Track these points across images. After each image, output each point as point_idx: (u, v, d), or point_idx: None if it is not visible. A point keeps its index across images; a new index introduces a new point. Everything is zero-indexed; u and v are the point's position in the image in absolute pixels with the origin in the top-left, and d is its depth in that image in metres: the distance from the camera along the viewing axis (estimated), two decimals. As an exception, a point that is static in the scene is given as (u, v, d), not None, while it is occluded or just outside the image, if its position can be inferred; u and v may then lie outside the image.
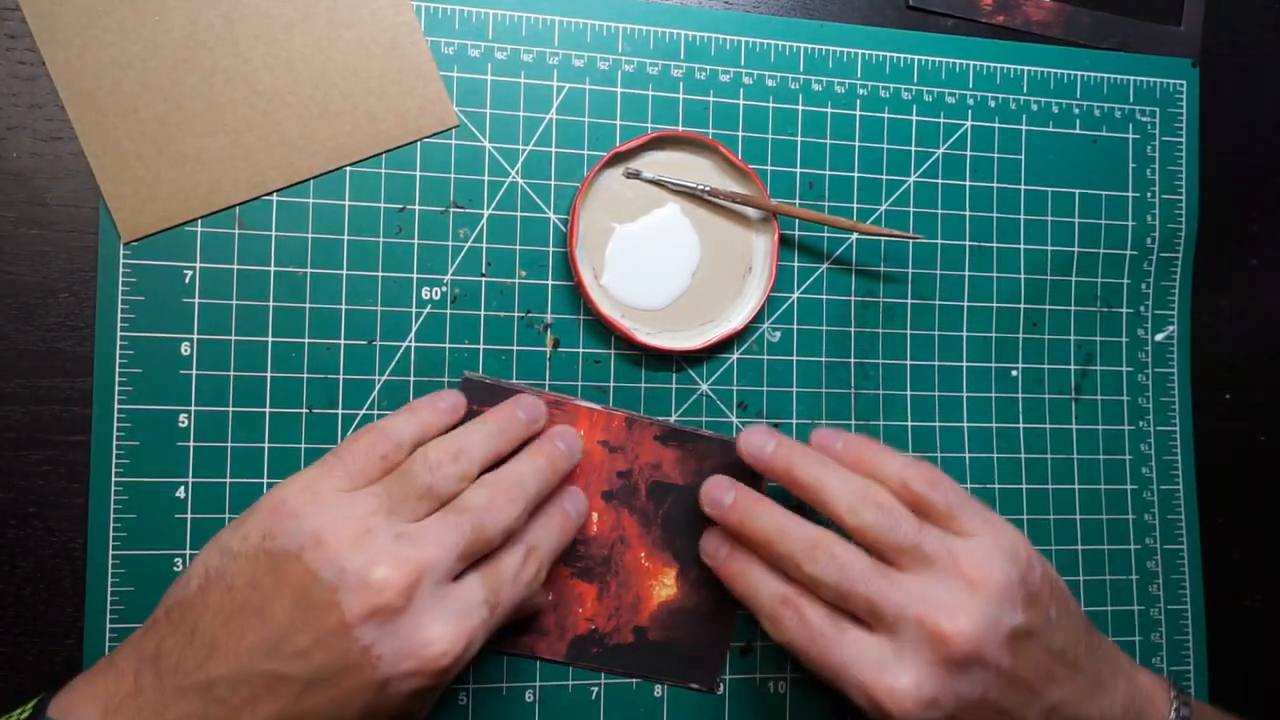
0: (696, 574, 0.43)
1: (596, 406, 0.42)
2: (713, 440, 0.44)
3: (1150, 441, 0.50)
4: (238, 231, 0.41)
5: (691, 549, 0.43)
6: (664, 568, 0.43)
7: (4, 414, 0.39)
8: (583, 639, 0.42)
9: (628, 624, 0.42)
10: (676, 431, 0.43)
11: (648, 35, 0.45)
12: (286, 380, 0.41)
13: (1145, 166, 0.50)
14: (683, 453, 0.43)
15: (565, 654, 0.42)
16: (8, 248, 0.40)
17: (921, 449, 0.47)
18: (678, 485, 0.43)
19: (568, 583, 0.42)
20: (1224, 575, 0.50)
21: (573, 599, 0.42)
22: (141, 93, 0.40)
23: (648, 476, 0.43)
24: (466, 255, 0.43)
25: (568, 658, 0.42)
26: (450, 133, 0.43)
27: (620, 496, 0.43)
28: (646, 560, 0.43)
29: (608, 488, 0.43)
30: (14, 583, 0.39)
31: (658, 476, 0.43)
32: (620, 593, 0.42)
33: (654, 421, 0.43)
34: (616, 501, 0.43)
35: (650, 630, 0.43)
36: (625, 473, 0.43)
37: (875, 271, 0.47)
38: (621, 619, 0.42)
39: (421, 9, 0.43)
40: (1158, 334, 0.50)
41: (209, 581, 0.32)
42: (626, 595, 0.42)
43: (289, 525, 0.32)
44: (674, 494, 0.43)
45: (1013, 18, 0.49)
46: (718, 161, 0.45)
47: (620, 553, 0.43)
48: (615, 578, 0.42)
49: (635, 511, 0.43)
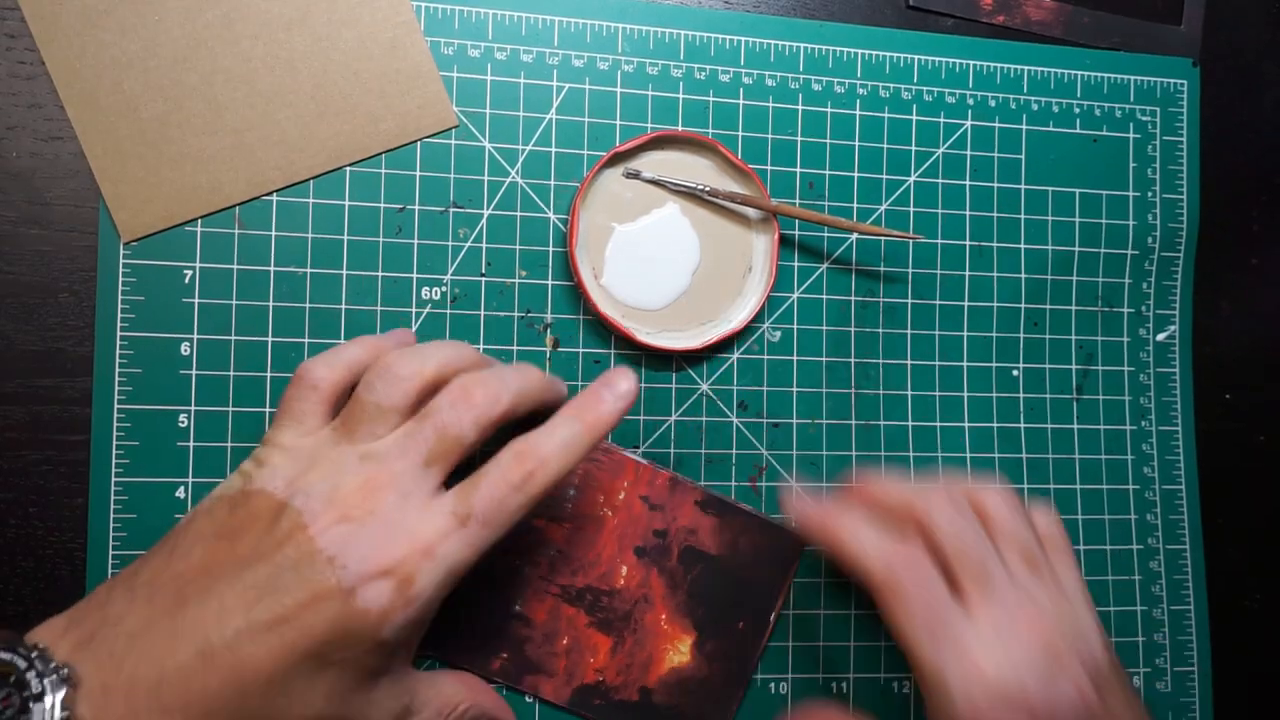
0: (713, 646, 0.43)
1: (644, 462, 0.42)
2: (752, 516, 0.43)
3: (1152, 441, 0.50)
4: (238, 231, 0.41)
5: (712, 620, 0.43)
6: (682, 634, 0.43)
7: (4, 414, 0.39)
8: (588, 689, 0.42)
9: (635, 682, 0.42)
10: (718, 501, 0.43)
11: (648, 35, 0.45)
12: (286, 380, 0.41)
13: (1146, 166, 0.50)
14: (720, 522, 0.43)
15: (568, 700, 0.41)
16: (8, 248, 0.40)
17: (922, 449, 0.47)
18: (710, 554, 0.43)
19: (585, 631, 0.42)
20: (1225, 575, 0.50)
21: (586, 648, 0.42)
22: (141, 93, 0.40)
23: (682, 540, 0.43)
24: (466, 255, 0.43)
25: (570, 704, 0.42)
26: (450, 133, 0.43)
27: (652, 555, 0.42)
28: (666, 623, 0.42)
29: (642, 544, 0.42)
30: (14, 583, 0.39)
31: (692, 541, 0.43)
32: (634, 650, 0.42)
33: (696, 486, 0.43)
34: (648, 559, 0.42)
35: (656, 693, 0.42)
36: (661, 532, 0.43)
37: (875, 271, 0.47)
38: (630, 676, 0.42)
39: (421, 9, 0.43)
40: (1159, 334, 0.50)
41: (194, 514, 0.33)
42: (640, 654, 0.42)
43: (264, 470, 0.33)
44: (705, 563, 0.43)
45: (1013, 17, 0.49)
46: (718, 161, 0.45)
47: (642, 611, 0.42)
48: (632, 635, 0.42)
49: (664, 573, 0.42)
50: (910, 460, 0.47)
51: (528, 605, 0.41)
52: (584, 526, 0.42)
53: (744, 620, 0.43)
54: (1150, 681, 0.48)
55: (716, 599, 0.43)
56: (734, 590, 0.43)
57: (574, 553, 0.42)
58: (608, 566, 0.42)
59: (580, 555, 0.42)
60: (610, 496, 0.42)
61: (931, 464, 0.47)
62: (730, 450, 0.45)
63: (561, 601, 0.42)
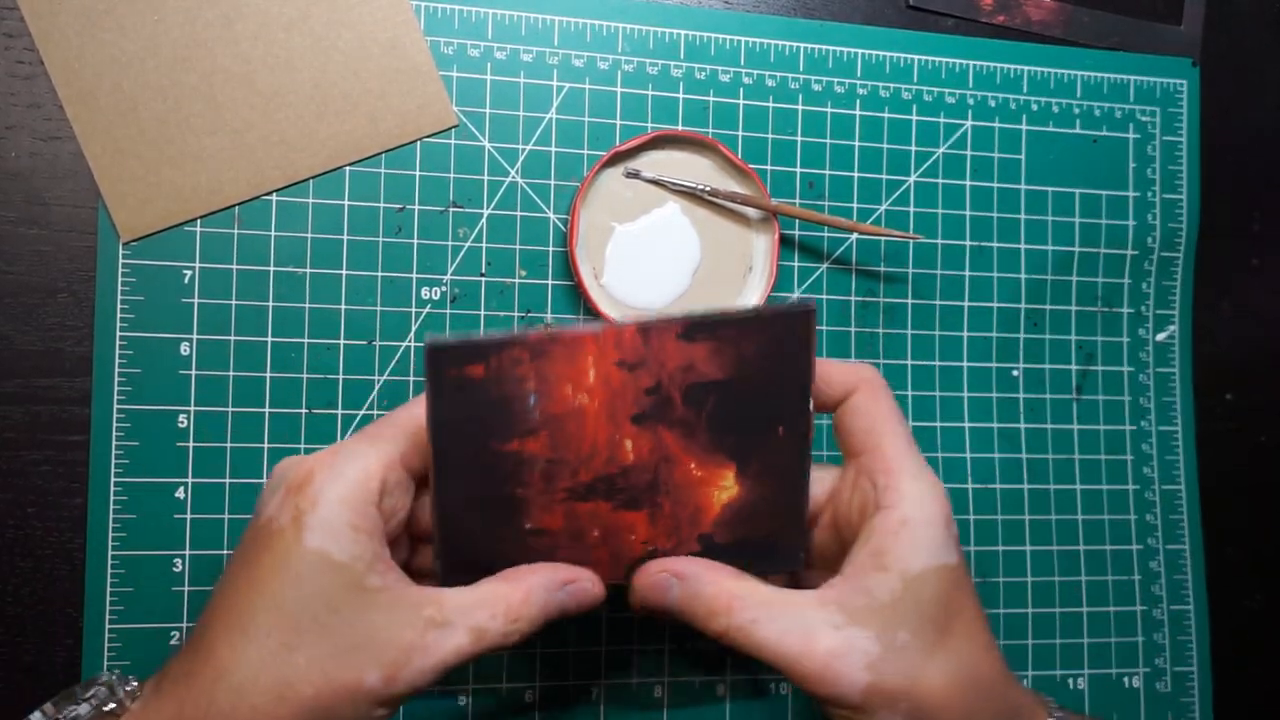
0: (757, 465, 0.38)
1: (598, 328, 0.36)
2: (746, 319, 0.37)
3: (1152, 441, 0.50)
4: (237, 231, 0.41)
5: (746, 443, 0.38)
6: (720, 470, 0.38)
7: (4, 414, 0.39)
8: (640, 561, 0.38)
9: (690, 536, 0.38)
10: (701, 322, 0.36)
11: (648, 35, 0.45)
12: (286, 380, 0.41)
13: (1146, 166, 0.50)
14: (715, 343, 0.37)
15: (625, 576, 0.38)
16: (7, 248, 0.39)
17: (922, 449, 0.46)
18: (717, 380, 0.37)
19: (613, 516, 0.37)
20: (1225, 575, 0.50)
21: (623, 528, 0.37)
22: (141, 92, 0.40)
23: (680, 382, 0.37)
24: (466, 255, 0.43)
25: (627, 578, 0.38)
26: (450, 132, 0.43)
27: (654, 415, 0.37)
28: (698, 469, 0.38)
29: (637, 410, 0.37)
30: (14, 583, 0.39)
31: (692, 378, 0.37)
32: (676, 511, 0.38)
33: (673, 320, 0.36)
34: (650, 420, 0.37)
35: (717, 534, 0.38)
36: (653, 388, 0.37)
37: (875, 271, 0.47)
38: (683, 534, 0.38)
39: (421, 9, 0.43)
40: (1159, 334, 0.50)
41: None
42: (684, 511, 0.38)
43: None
44: (716, 392, 0.37)
45: (1013, 17, 0.49)
46: (718, 161, 0.45)
47: (667, 472, 0.37)
48: (667, 497, 0.38)
49: (674, 425, 0.37)
50: (910, 460, 0.47)
51: (540, 521, 0.37)
52: (563, 425, 0.36)
53: (781, 424, 0.38)
54: (1150, 681, 0.48)
55: (741, 421, 0.38)
56: (757, 402, 0.38)
57: (565, 456, 0.37)
58: (609, 451, 0.37)
59: (573, 455, 0.37)
60: (579, 382, 0.37)
61: (931, 464, 0.47)
62: (730, 450, 0.45)
63: (574, 502, 0.37)
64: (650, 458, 0.37)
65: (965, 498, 0.47)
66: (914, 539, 0.33)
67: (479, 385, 0.35)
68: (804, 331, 0.37)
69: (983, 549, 0.47)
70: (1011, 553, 0.47)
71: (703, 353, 0.37)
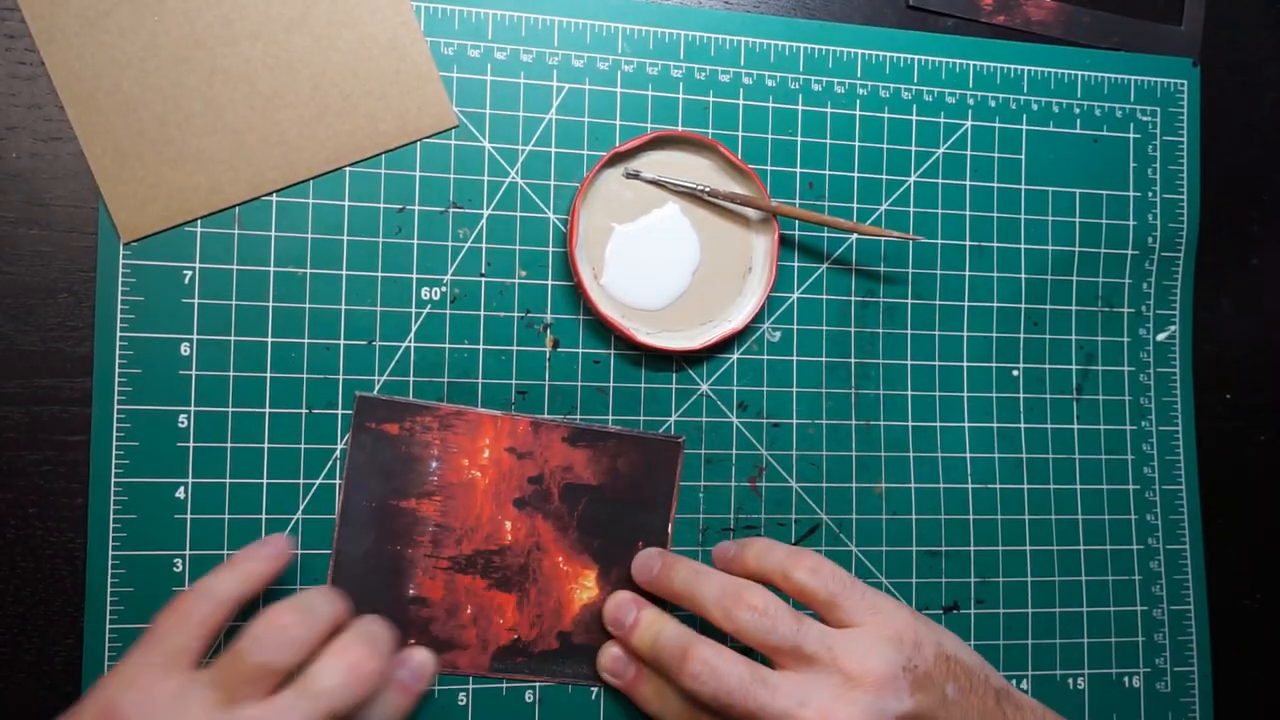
0: (617, 573, 0.43)
1: (499, 413, 0.42)
2: (624, 437, 0.43)
3: (1152, 441, 0.50)
4: (237, 232, 0.41)
5: (610, 549, 0.43)
6: (584, 570, 0.43)
7: (4, 414, 0.39)
8: (506, 650, 0.42)
9: (551, 630, 0.42)
10: (584, 431, 0.43)
11: (647, 35, 0.45)
12: (286, 380, 0.41)
13: (1146, 166, 0.50)
14: (594, 452, 0.43)
15: (489, 667, 0.42)
16: (7, 248, 0.40)
17: (922, 449, 0.47)
18: (591, 486, 0.43)
19: (486, 595, 0.42)
20: (1225, 575, 0.50)
21: (493, 610, 0.42)
22: (141, 93, 0.40)
23: (560, 480, 0.43)
24: (466, 255, 0.43)
25: (493, 669, 0.42)
26: (450, 133, 0.43)
27: (533, 502, 0.42)
28: (565, 564, 0.42)
29: (519, 495, 0.42)
30: (14, 583, 0.39)
31: (570, 479, 0.43)
32: (540, 600, 0.42)
33: (561, 423, 0.43)
34: (530, 508, 0.42)
35: (574, 634, 0.42)
36: (536, 478, 0.42)
37: (875, 271, 0.47)
38: (544, 626, 0.42)
39: (421, 9, 0.43)
40: (1159, 333, 0.50)
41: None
42: (547, 602, 0.42)
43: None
44: (588, 495, 0.43)
45: (1013, 17, 0.49)
46: (718, 161, 0.45)
47: (537, 559, 0.42)
48: (534, 585, 0.42)
49: (550, 516, 0.42)
50: (910, 460, 0.47)
51: (421, 587, 0.41)
52: (455, 495, 0.42)
53: (642, 538, 0.43)
54: (1150, 681, 0.48)
55: (609, 527, 0.43)
56: (624, 513, 0.43)
57: (452, 523, 0.42)
58: (490, 527, 0.42)
59: (460, 524, 0.42)
60: (474, 458, 0.42)
61: (932, 464, 0.47)
62: (730, 450, 0.45)
63: (454, 573, 0.42)
64: (525, 542, 0.42)
65: (965, 498, 0.47)
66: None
67: (392, 441, 0.41)
68: (671, 461, 0.43)
69: (983, 549, 0.47)
70: (1011, 553, 0.47)
71: (582, 458, 0.43)
